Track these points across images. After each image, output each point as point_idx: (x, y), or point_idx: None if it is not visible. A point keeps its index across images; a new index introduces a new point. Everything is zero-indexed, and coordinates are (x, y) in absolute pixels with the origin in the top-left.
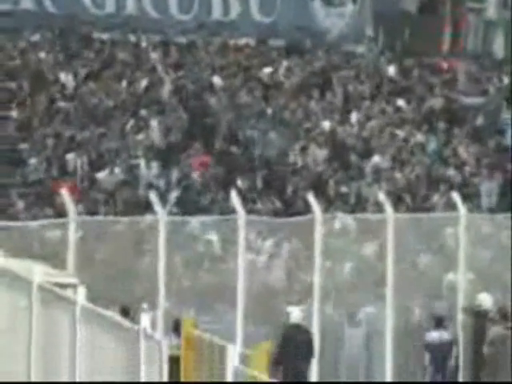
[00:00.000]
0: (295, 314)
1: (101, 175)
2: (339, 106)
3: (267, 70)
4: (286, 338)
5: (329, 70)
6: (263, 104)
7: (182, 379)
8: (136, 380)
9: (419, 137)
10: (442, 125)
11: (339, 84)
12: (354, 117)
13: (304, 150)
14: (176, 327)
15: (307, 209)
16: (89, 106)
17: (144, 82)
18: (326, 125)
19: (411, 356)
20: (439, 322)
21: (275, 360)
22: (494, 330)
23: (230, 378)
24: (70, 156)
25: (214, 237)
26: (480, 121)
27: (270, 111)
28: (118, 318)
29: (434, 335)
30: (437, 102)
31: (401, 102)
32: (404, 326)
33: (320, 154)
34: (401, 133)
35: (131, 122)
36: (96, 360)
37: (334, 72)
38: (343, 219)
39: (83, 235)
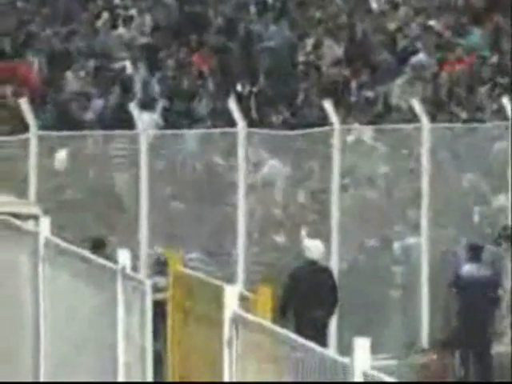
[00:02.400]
0: (312, 247)
1: (69, 75)
2: None
3: None
4: (295, 278)
5: None
6: None
7: (169, 327)
8: (111, 329)
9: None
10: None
11: None
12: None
13: (317, 46)
14: (160, 267)
15: (324, 120)
16: None
17: None
18: (343, 15)
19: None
20: (476, 253)
21: (281, 307)
22: None
23: (227, 326)
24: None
25: (213, 155)
26: None
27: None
28: (88, 253)
29: (467, 269)
30: None
31: None
32: (442, 261)
33: (337, 51)
34: (436, 24)
35: (105, 16)
36: (62, 306)
37: None
38: (366, 131)
39: (45, 152)
